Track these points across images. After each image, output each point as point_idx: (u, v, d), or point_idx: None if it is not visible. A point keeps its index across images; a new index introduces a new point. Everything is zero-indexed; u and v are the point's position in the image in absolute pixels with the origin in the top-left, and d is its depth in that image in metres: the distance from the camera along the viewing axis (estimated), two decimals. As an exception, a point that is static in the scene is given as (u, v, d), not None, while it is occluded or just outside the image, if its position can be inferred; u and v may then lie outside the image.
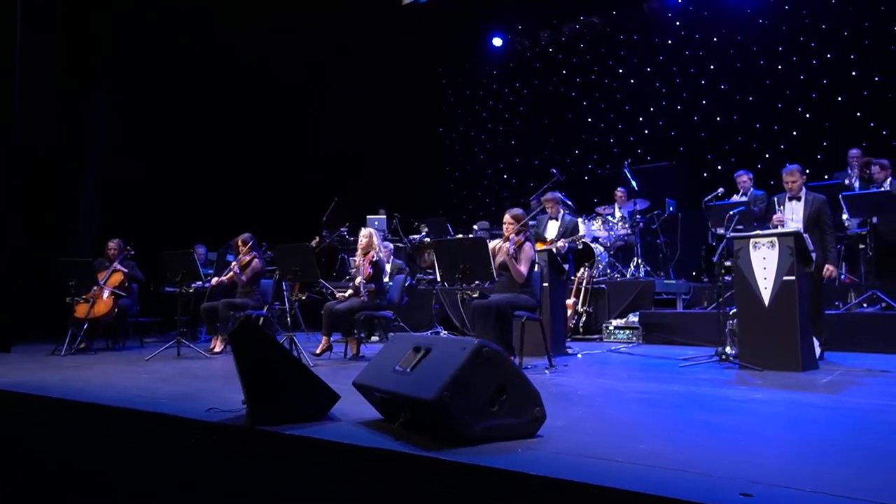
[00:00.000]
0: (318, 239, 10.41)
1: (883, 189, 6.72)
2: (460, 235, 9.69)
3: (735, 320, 5.97)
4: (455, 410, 2.41)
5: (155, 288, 9.30)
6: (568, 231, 6.96)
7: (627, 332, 7.73)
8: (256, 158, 11.82)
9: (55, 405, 3.95)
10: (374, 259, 6.21)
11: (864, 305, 6.58)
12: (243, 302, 7.21)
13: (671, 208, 9.17)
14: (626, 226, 9.12)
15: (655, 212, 9.04)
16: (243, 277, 7.23)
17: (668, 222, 9.10)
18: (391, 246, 9.51)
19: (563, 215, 7.16)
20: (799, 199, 5.72)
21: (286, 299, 9.66)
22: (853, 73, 9.60)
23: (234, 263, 7.16)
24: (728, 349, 5.87)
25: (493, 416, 2.50)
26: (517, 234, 5.28)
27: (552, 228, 7.10)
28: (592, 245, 8.81)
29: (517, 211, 5.39)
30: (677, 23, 11.12)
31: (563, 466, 2.21)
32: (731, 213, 5.54)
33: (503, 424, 2.51)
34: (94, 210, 10.39)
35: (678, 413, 3.36)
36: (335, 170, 12.44)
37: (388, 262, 9.20)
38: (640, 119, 11.39)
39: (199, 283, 7.27)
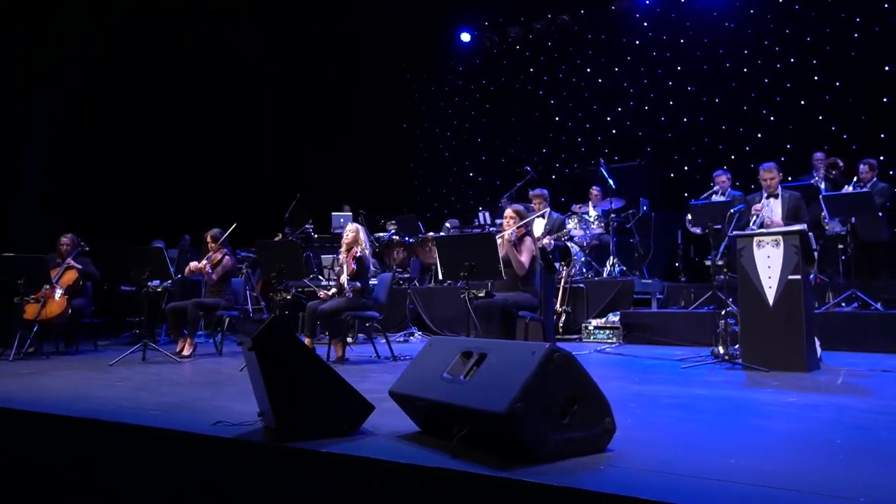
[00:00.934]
0: (280, 236, 10.03)
1: (866, 189, 6.82)
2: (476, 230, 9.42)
3: (728, 320, 5.98)
4: (528, 424, 2.18)
5: (108, 286, 8.73)
6: (554, 228, 6.86)
7: (607, 331, 7.66)
8: (214, 153, 11.32)
9: (23, 419, 3.54)
10: (358, 255, 5.92)
11: (843, 305, 6.68)
12: (215, 302, 6.81)
13: (645, 207, 9.18)
14: (602, 224, 9.08)
15: (630, 211, 9.03)
16: (214, 276, 6.82)
17: (641, 221, 9.11)
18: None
19: (550, 212, 7.03)
20: (776, 196, 5.74)
21: (249, 297, 9.27)
22: (815, 78, 9.84)
23: (204, 261, 6.73)
24: (720, 349, 5.86)
25: (565, 428, 2.28)
26: (517, 229, 5.09)
27: (538, 225, 6.96)
28: (568, 244, 8.72)
29: (519, 206, 5.22)
30: (645, 24, 11.18)
31: (665, 488, 2.01)
32: (732, 210, 5.50)
33: (575, 438, 2.29)
34: (36, 204, 9.71)
35: (728, 419, 3.21)
36: (297, 165, 12.04)
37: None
38: (608, 118, 11.41)
39: (170, 281, 6.81)
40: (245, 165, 11.59)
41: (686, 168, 10.79)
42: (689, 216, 7.82)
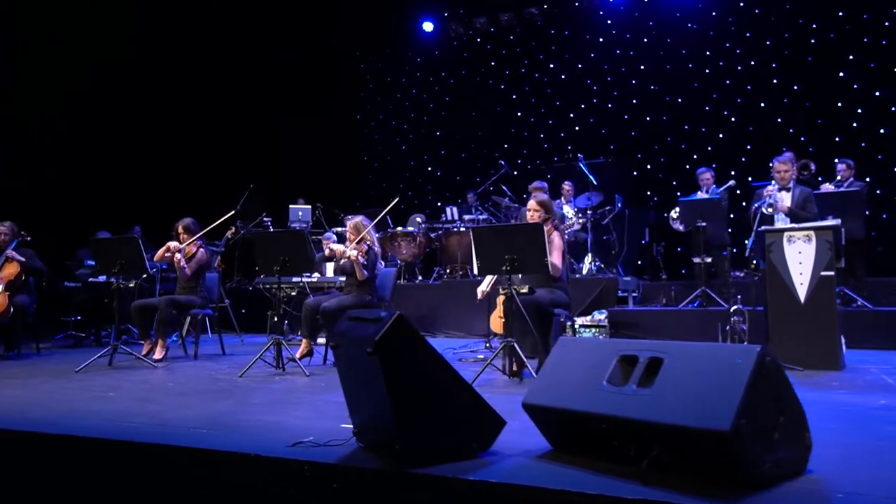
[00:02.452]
0: (232, 229, 9.37)
1: (851, 188, 6.98)
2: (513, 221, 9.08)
3: (735, 317, 5.94)
4: (748, 443, 1.89)
5: (48, 282, 7.83)
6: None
7: (594, 330, 7.51)
8: (162, 141, 10.55)
9: (16, 441, 2.93)
10: (366, 247, 5.50)
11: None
12: (188, 299, 6.19)
13: (619, 204, 9.14)
14: (579, 221, 8.96)
15: (607, 207, 8.96)
16: (188, 271, 6.19)
17: (616, 218, 9.07)
18: (334, 237, 8.73)
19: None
20: (788, 189, 5.75)
21: (224, 294, 8.56)
22: (774, 81, 10.10)
23: (178, 255, 6.08)
24: (727, 345, 5.81)
25: (775, 446, 2.00)
26: (544, 223, 4.82)
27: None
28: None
29: (543, 197, 4.96)
30: (609, 21, 11.19)
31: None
32: (756, 205, 5.44)
33: (784, 458, 2.01)
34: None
35: (865, 427, 3.00)
36: (247, 156, 11.34)
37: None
38: (571, 115, 11.35)
39: (144, 275, 6.13)
40: (194, 155, 10.82)
41: (649, 167, 10.87)
42: (675, 213, 7.80)
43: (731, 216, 8.38)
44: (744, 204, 7.28)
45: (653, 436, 2.07)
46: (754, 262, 5.19)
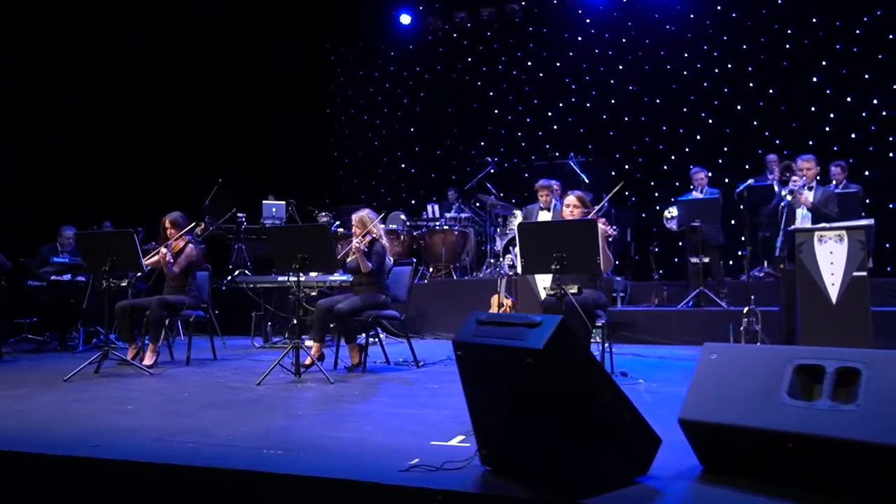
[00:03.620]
0: (202, 226, 8.85)
1: (849, 190, 7.07)
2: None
3: (749, 318, 5.91)
4: None
5: (10, 281, 7.17)
6: (561, 222, 6.44)
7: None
8: (126, 137, 9.95)
9: (40, 466, 2.52)
10: (371, 239, 5.19)
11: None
12: (178, 299, 5.74)
13: (606, 204, 9.05)
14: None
15: (595, 207, 8.86)
16: (175, 268, 5.72)
17: (605, 217, 8.99)
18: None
19: (555, 204, 6.63)
20: (811, 188, 5.76)
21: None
22: (750, 84, 10.25)
23: (164, 251, 5.61)
24: (740, 346, 5.77)
25: None
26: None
27: (544, 219, 6.54)
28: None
29: (581, 193, 4.76)
30: (587, 20, 11.15)
31: None
32: (776, 202, 5.40)
33: None
34: None
35: None
36: (215, 151, 10.79)
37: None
38: (549, 114, 11.26)
39: (139, 273, 5.63)
40: (161, 150, 10.26)
41: (627, 166, 10.87)
42: (670, 213, 7.77)
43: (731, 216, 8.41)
44: (741, 207, 7.30)
45: (866, 459, 1.86)
46: (782, 263, 5.14)
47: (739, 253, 7.85)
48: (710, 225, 7.58)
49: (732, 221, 8.78)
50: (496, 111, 11.55)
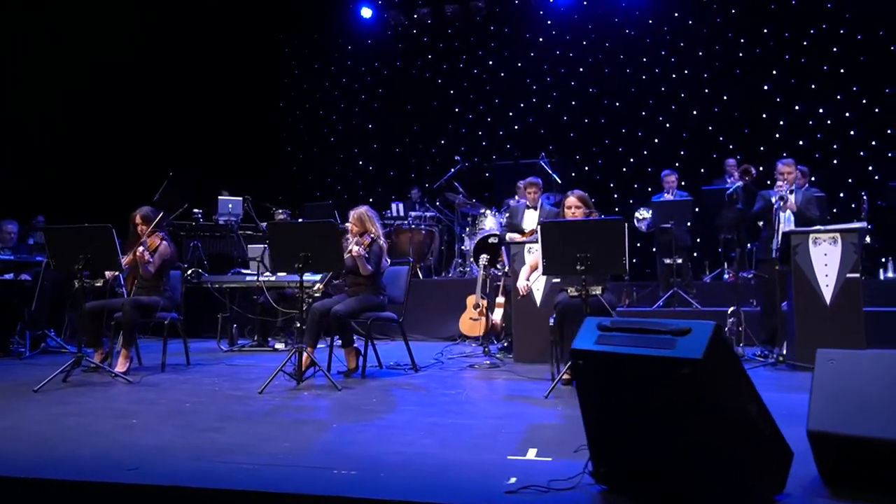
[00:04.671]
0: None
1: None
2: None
3: (733, 319, 6.02)
4: None
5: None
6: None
7: (568, 331, 7.41)
8: (66, 127, 9.30)
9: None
10: (370, 240, 4.96)
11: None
12: (152, 300, 5.33)
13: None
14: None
15: (556, 208, 8.89)
16: (151, 268, 5.31)
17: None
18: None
19: (542, 203, 6.57)
20: (792, 191, 5.90)
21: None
22: (706, 91, 10.54)
23: (142, 249, 5.19)
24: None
25: None
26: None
27: (531, 218, 6.47)
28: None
29: (582, 193, 4.69)
30: (549, 22, 11.19)
31: None
32: (763, 206, 5.51)
33: None
34: None
35: None
36: (164, 144, 10.25)
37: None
38: (510, 114, 11.24)
39: (118, 273, 5.17)
40: (106, 141, 9.64)
41: (587, 168, 10.98)
42: (641, 214, 7.85)
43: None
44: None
45: None
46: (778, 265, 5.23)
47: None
48: (680, 227, 7.72)
49: (688, 223, 8.92)
50: (456, 109, 11.44)
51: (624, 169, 10.83)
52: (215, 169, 10.78)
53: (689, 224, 7.97)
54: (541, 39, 11.23)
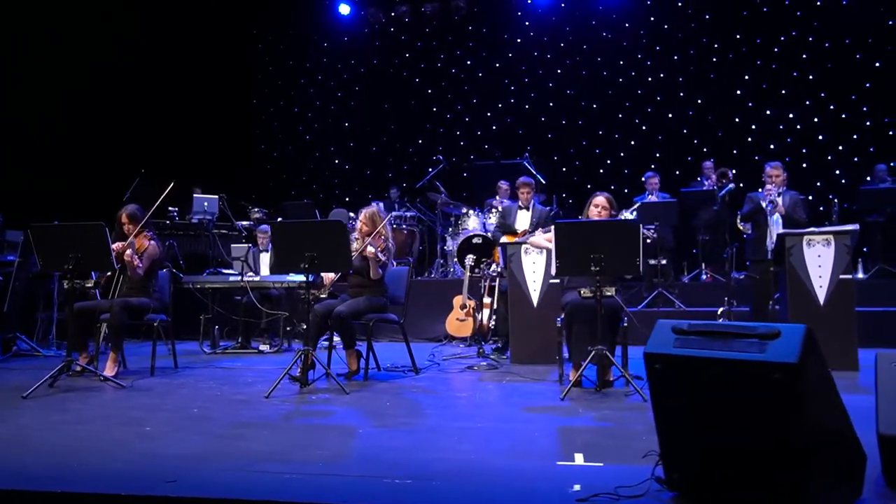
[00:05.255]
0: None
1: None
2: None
3: (723, 319, 6.12)
4: None
5: None
6: (541, 222, 6.40)
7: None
8: (38, 125, 8.94)
9: None
10: (384, 244, 4.87)
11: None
12: (142, 302, 5.13)
13: (555, 205, 9.15)
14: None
15: (547, 207, 8.91)
16: (140, 270, 5.11)
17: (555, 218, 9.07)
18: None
19: (534, 203, 6.56)
20: (780, 194, 6.03)
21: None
22: (681, 94, 10.71)
23: (130, 252, 4.99)
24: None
25: None
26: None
27: (523, 219, 6.46)
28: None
29: (609, 195, 4.70)
30: (527, 23, 11.22)
31: None
32: (753, 209, 5.61)
33: None
34: None
35: None
36: (135, 141, 9.94)
37: (269, 251, 7.63)
38: (488, 114, 11.23)
39: (108, 273, 4.95)
40: (74, 138, 9.30)
41: (564, 169, 11.05)
42: (628, 214, 7.91)
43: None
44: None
45: None
46: (771, 266, 5.32)
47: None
48: (664, 228, 7.81)
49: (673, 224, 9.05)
50: (434, 109, 11.38)
51: (601, 170, 10.93)
52: (188, 167, 10.50)
53: (673, 225, 8.06)
54: (519, 40, 11.26)
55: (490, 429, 3.21)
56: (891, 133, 9.92)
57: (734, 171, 8.98)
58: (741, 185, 9.39)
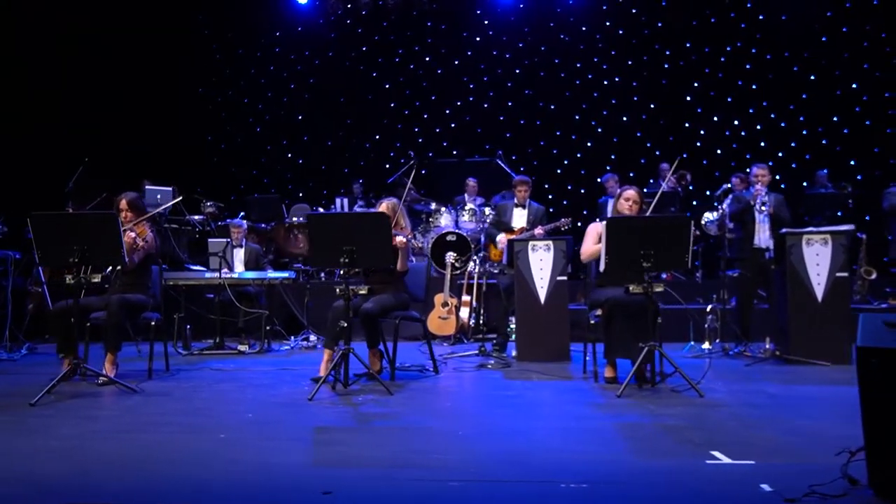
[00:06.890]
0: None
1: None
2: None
3: (712, 316, 6.32)
4: None
5: None
6: (537, 219, 6.38)
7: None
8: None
9: None
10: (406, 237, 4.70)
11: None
12: (139, 299, 4.71)
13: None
14: (474, 219, 8.79)
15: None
16: (136, 257, 4.68)
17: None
18: (245, 225, 7.43)
19: (530, 202, 6.52)
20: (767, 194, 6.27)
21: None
22: (635, 98, 11.03)
23: (132, 234, 4.56)
24: (707, 345, 6.16)
25: None
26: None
27: (520, 216, 6.41)
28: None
29: (637, 189, 4.71)
30: (486, 22, 11.21)
31: None
32: (733, 207, 5.81)
33: None
34: None
35: None
36: (77, 131, 9.20)
37: (243, 246, 7.28)
38: (447, 111, 11.14)
39: (119, 267, 4.47)
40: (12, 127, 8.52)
41: (522, 168, 11.08)
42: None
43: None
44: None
45: None
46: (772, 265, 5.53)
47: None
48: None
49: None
50: (392, 104, 11.17)
51: (558, 170, 11.08)
52: (132, 158, 9.82)
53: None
54: (478, 39, 11.23)
55: (582, 428, 3.12)
56: (824, 142, 10.59)
57: (689, 176, 9.33)
58: (690, 187, 9.81)
